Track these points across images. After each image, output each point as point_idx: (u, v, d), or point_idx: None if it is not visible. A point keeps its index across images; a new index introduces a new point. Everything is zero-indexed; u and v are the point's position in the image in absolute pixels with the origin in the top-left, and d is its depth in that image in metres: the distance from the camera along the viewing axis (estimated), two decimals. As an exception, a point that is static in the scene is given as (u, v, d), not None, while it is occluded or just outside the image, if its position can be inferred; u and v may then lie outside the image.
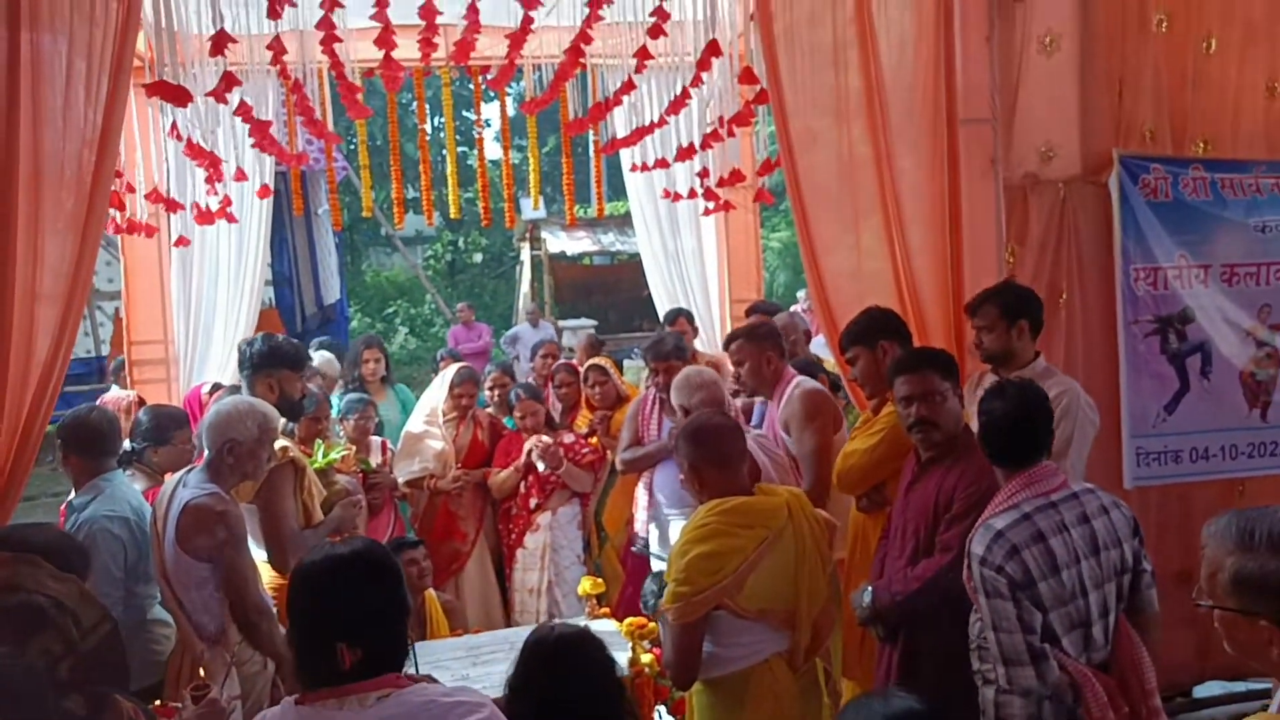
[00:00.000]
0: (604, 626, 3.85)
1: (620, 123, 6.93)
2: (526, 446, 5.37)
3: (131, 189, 5.54)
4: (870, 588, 3.38)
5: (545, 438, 5.35)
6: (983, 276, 4.20)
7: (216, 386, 5.54)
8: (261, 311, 12.51)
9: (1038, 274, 4.44)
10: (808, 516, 3.12)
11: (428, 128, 20.08)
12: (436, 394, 5.64)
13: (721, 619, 2.98)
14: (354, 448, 5.13)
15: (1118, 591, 2.85)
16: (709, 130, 5.73)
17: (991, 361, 3.79)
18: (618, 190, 15.10)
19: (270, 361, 4.01)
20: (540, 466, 5.33)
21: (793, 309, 9.07)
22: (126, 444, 4.28)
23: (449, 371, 5.71)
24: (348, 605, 1.93)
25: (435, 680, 2.02)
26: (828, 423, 4.21)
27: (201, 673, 3.10)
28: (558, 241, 17.75)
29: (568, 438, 5.48)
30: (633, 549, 5.08)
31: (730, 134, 5.48)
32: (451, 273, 25.30)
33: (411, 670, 2.13)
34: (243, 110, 4.59)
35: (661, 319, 7.19)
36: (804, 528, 3.08)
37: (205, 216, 5.77)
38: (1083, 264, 4.51)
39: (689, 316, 7.12)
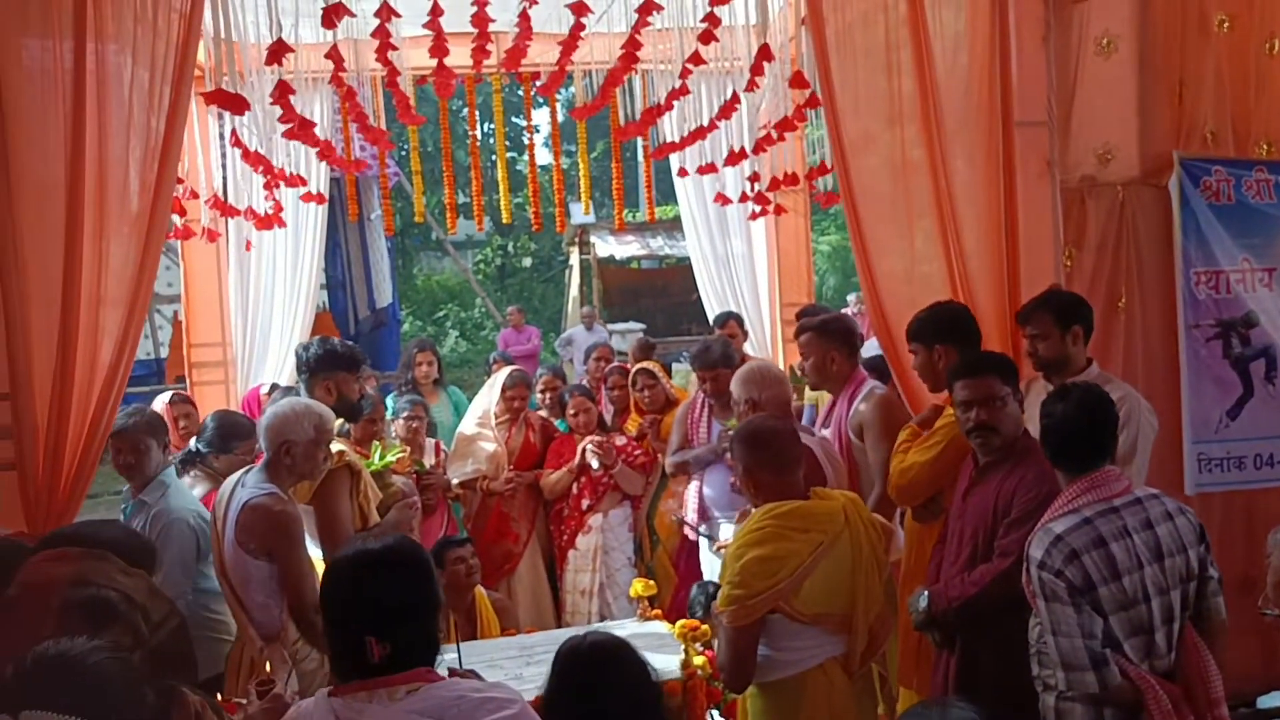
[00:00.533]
0: (656, 628, 3.85)
1: (670, 127, 6.95)
2: (580, 447, 5.39)
3: (195, 195, 5.64)
4: (927, 592, 3.35)
5: (598, 437, 5.37)
6: (1039, 280, 4.14)
7: (274, 387, 5.63)
8: (316, 315, 12.72)
9: (1096, 278, 4.38)
10: (864, 521, 3.10)
11: (478, 133, 20.27)
12: (488, 396, 5.67)
13: (776, 622, 2.97)
14: (409, 449, 5.19)
15: (1183, 599, 2.80)
16: (760, 135, 5.71)
17: (1045, 369, 3.72)
18: (666, 195, 15.10)
19: (327, 364, 4.05)
20: (594, 465, 5.35)
21: (842, 312, 9.01)
22: (192, 444, 4.40)
23: (501, 374, 5.75)
24: (377, 599, 1.94)
25: (477, 675, 2.02)
26: (901, 420, 4.17)
27: (268, 668, 3.15)
28: (606, 246, 17.78)
29: (619, 440, 5.50)
30: (682, 520, 5.04)
31: (781, 138, 5.45)
32: (501, 277, 25.47)
33: (455, 667, 2.14)
34: (291, 119, 4.64)
35: (711, 322, 7.17)
36: (860, 532, 3.06)
37: (264, 222, 5.88)
38: (1142, 268, 4.43)
39: (739, 320, 7.09)
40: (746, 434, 3.20)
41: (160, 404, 5.13)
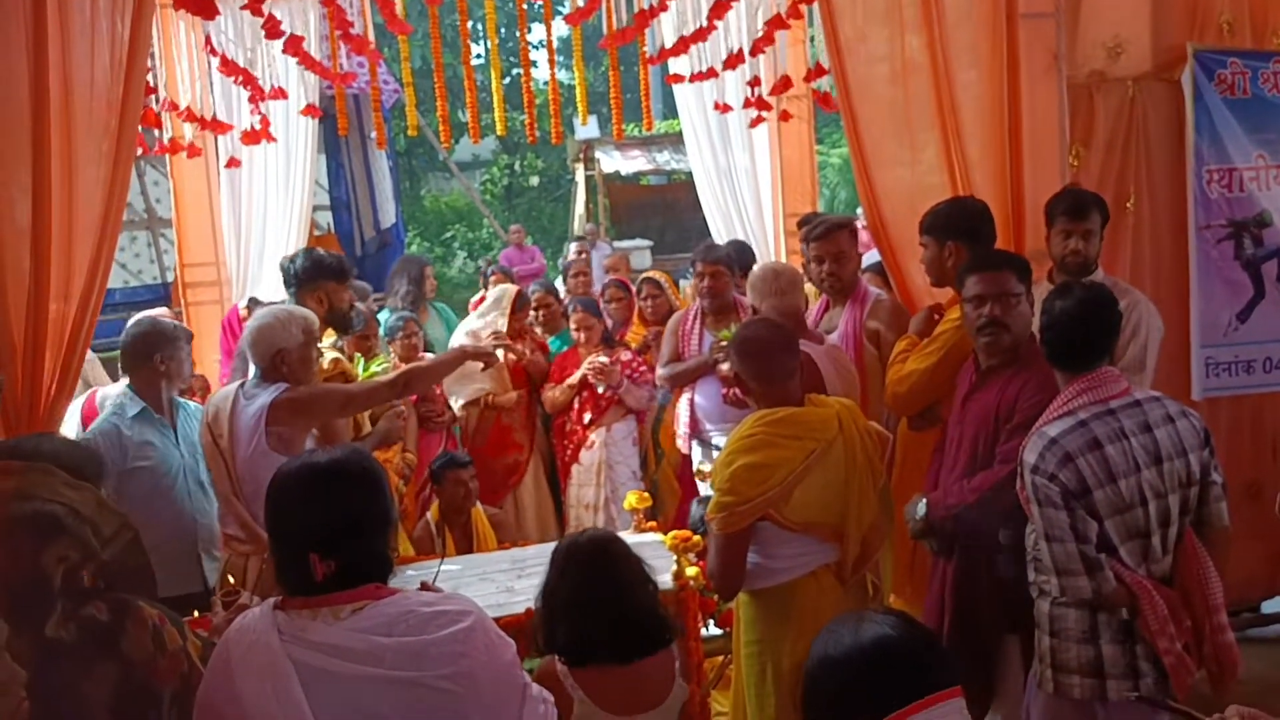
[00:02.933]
0: (649, 539, 3.81)
1: (669, 34, 6.72)
2: (584, 366, 5.30)
3: (174, 107, 5.49)
4: (924, 500, 3.28)
5: (602, 357, 5.27)
6: (1044, 182, 4.00)
7: (254, 302, 5.55)
8: (320, 237, 12.61)
9: (1104, 178, 4.23)
10: (859, 428, 3.03)
11: (475, 49, 19.86)
12: (490, 313, 5.57)
13: (767, 530, 2.94)
14: (400, 363, 5.14)
15: (1182, 503, 2.72)
16: (759, 36, 5.51)
17: (1081, 271, 3.59)
18: (672, 109, 14.81)
19: (315, 275, 3.97)
20: (599, 387, 5.28)
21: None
22: None
23: (500, 291, 5.66)
24: (321, 515, 1.85)
25: (434, 589, 1.93)
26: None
27: (230, 579, 3.13)
28: (611, 161, 17.50)
29: (624, 355, 5.41)
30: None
31: (771, 39, 5.24)
32: (508, 197, 25.19)
33: (426, 580, 2.07)
34: (271, 24, 4.49)
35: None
36: (855, 440, 3.00)
37: (250, 136, 5.74)
38: (1152, 167, 4.29)
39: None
40: (737, 342, 3.15)
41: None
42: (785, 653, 2.90)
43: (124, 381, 4.11)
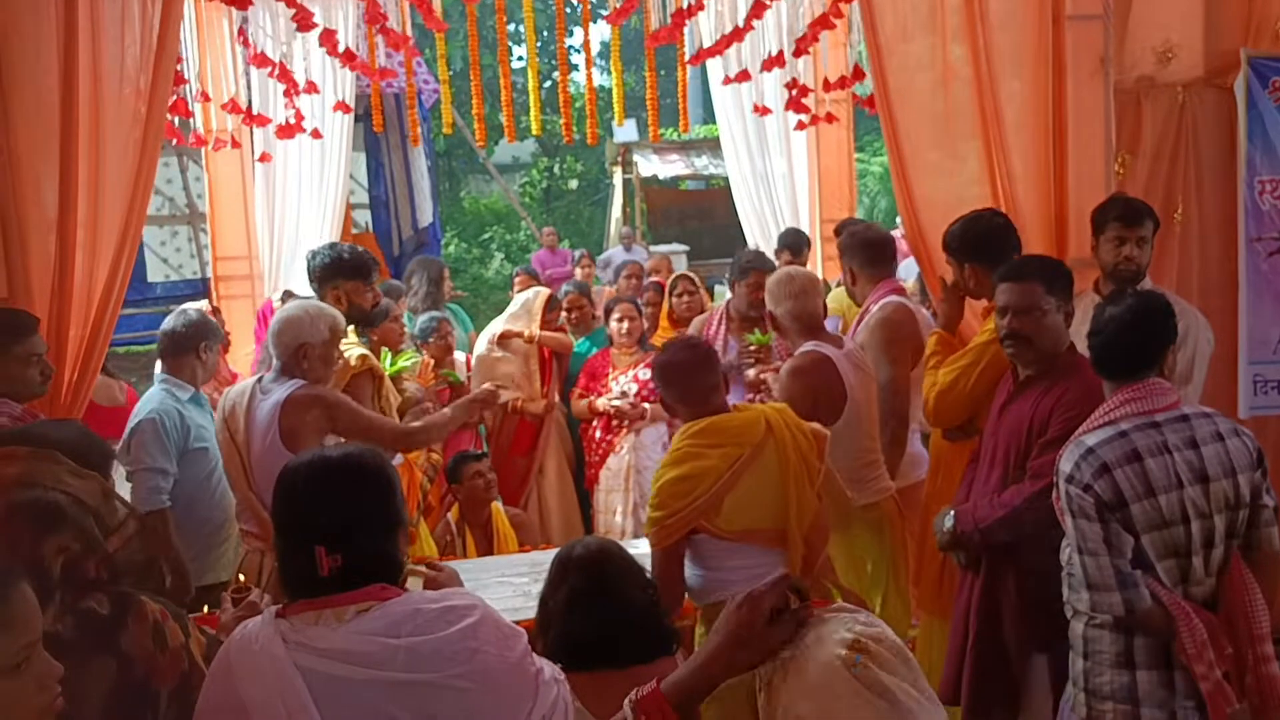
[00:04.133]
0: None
1: (708, 35, 6.65)
2: (603, 405, 5.22)
3: (207, 98, 5.49)
4: (953, 512, 3.18)
5: (616, 401, 5.18)
6: (1088, 190, 3.89)
7: (288, 294, 5.54)
8: (358, 235, 12.66)
9: (1150, 187, 4.09)
10: (790, 428, 2.98)
11: (517, 49, 19.92)
12: (520, 316, 5.54)
13: (704, 543, 2.93)
14: (430, 361, 5.11)
15: (1229, 525, 2.58)
16: (800, 36, 5.43)
17: (1133, 280, 3.46)
18: (712, 114, 14.74)
19: (333, 273, 3.92)
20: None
21: (895, 233, 8.70)
22: None
23: (529, 294, 5.62)
24: (330, 506, 1.79)
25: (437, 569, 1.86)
26: (905, 351, 3.95)
27: (241, 577, 3.08)
28: (649, 165, 17.42)
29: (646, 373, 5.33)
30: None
31: (815, 39, 5.15)
32: (547, 199, 25.24)
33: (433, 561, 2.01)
34: (303, 16, 4.46)
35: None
36: (787, 440, 2.95)
37: (285, 131, 5.73)
38: (1201, 176, 4.14)
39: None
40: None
41: None
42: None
43: (159, 368, 4.12)
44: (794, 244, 6.27)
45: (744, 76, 6.22)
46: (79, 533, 1.81)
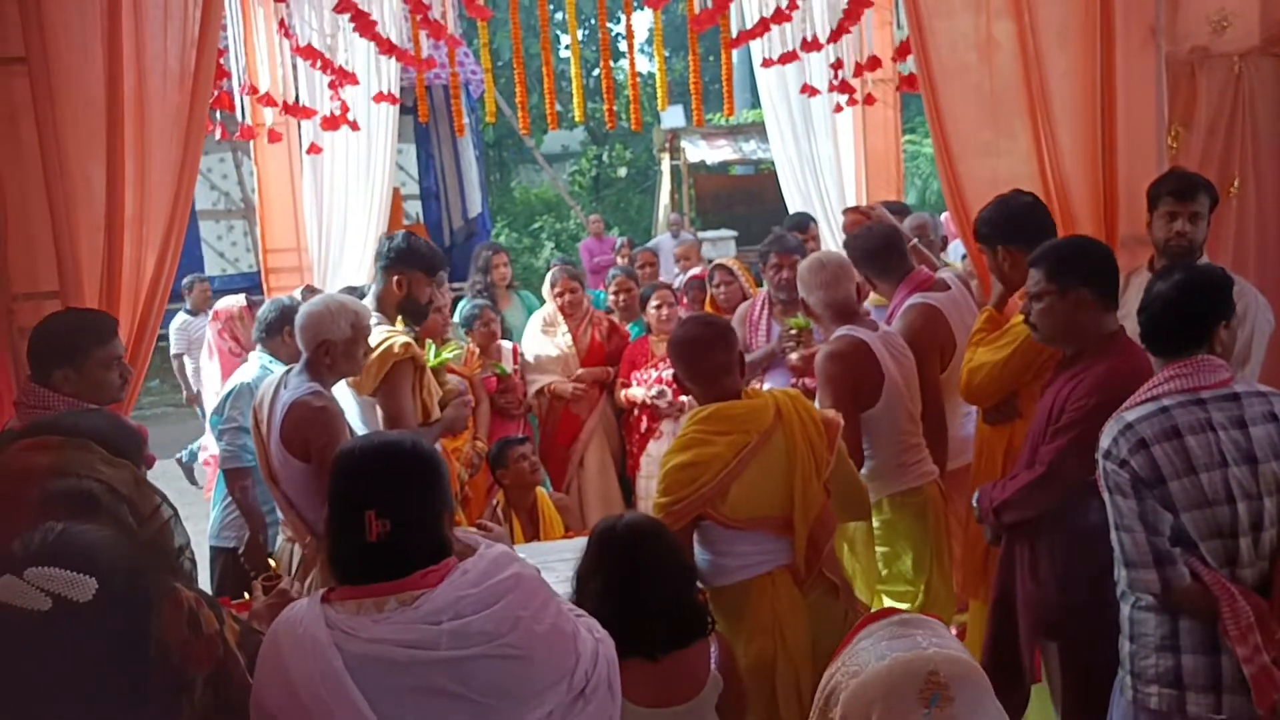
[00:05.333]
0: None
1: (750, 17, 6.59)
2: (641, 396, 5.21)
3: (255, 91, 5.56)
4: (978, 492, 3.20)
5: (665, 391, 5.14)
6: (1139, 165, 3.81)
7: (309, 290, 5.61)
8: (410, 227, 12.78)
9: (1205, 161, 3.98)
10: (801, 417, 2.95)
11: (564, 38, 19.92)
12: (548, 303, 5.61)
13: (712, 528, 2.92)
14: (475, 350, 5.13)
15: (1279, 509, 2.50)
16: (842, 17, 5.35)
17: (1186, 256, 3.38)
18: (759, 98, 14.64)
19: (405, 259, 3.96)
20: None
21: (943, 216, 8.57)
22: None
23: (545, 311, 5.67)
24: (382, 477, 1.87)
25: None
26: (929, 345, 3.87)
27: (272, 564, 3.12)
28: (697, 150, 17.35)
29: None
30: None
31: (856, 18, 5.08)
32: (596, 188, 25.27)
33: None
34: (346, 6, 4.49)
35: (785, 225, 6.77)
36: (796, 429, 2.92)
37: (330, 122, 5.78)
38: (1259, 149, 4.01)
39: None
40: (671, 346, 3.16)
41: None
42: (739, 654, 2.82)
43: (259, 351, 4.41)
44: (798, 224, 6.18)
45: (791, 58, 6.15)
46: (112, 520, 1.84)
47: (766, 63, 6.49)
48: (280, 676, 1.76)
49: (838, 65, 6.11)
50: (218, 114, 5.50)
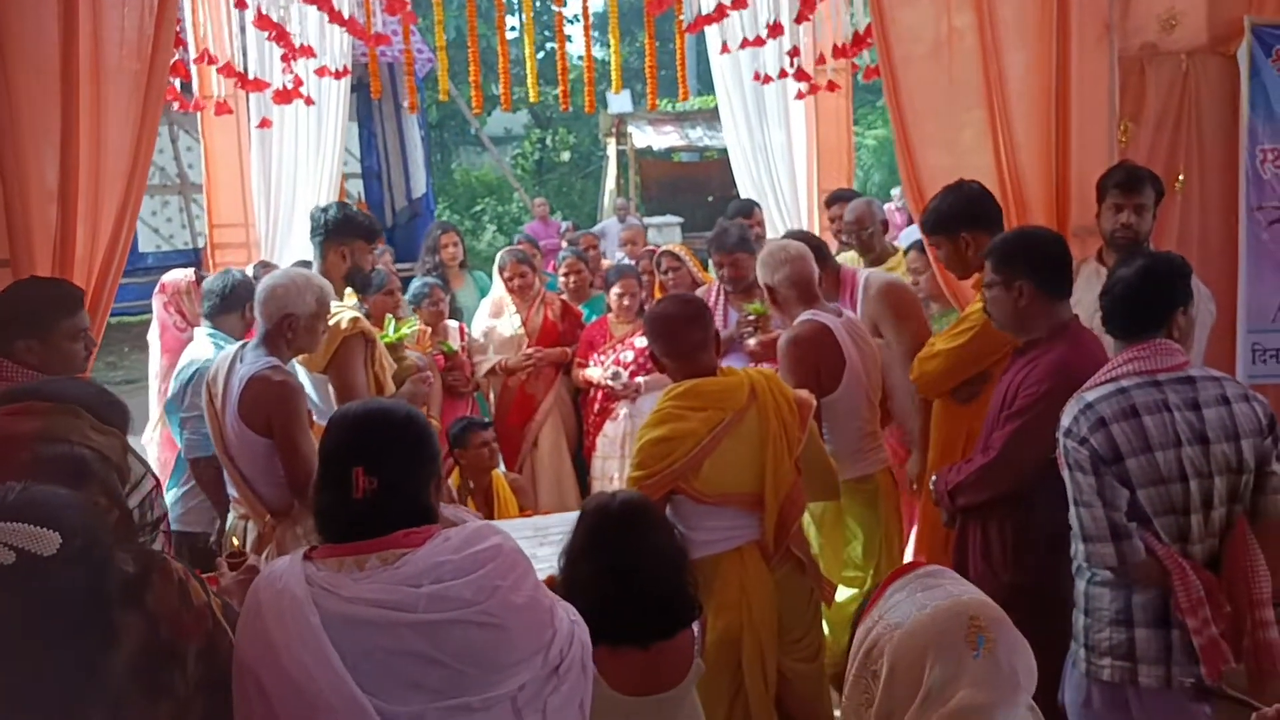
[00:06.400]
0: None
1: (708, 4, 6.60)
2: (599, 377, 5.21)
3: (213, 60, 5.43)
4: (934, 474, 3.30)
5: (620, 373, 5.17)
6: (1091, 157, 3.89)
7: (263, 265, 5.53)
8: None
9: (1153, 154, 4.09)
10: (775, 395, 3.02)
11: (510, 20, 19.76)
12: (497, 284, 5.60)
13: (683, 503, 2.98)
14: (428, 328, 5.10)
15: (1230, 489, 2.60)
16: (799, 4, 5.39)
17: (1131, 247, 3.47)
18: (706, 84, 14.66)
19: (344, 230, 3.93)
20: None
21: (886, 205, 8.69)
22: None
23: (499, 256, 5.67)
24: (372, 435, 1.89)
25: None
26: (921, 311, 3.98)
27: (235, 542, 3.09)
28: (644, 136, 17.37)
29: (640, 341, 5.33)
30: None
31: (813, 6, 5.11)
32: (539, 171, 25.16)
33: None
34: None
35: (728, 213, 6.78)
36: (769, 407, 2.99)
37: (283, 96, 5.68)
38: (1203, 144, 4.14)
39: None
40: (647, 321, 3.22)
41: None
42: (708, 627, 2.87)
43: (207, 328, 4.23)
44: (742, 209, 6.21)
45: (756, 42, 6.16)
46: (104, 489, 1.82)
47: (724, 49, 6.51)
48: (260, 632, 1.76)
49: (794, 53, 6.16)
50: (177, 83, 5.36)
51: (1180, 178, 4.12)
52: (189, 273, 4.92)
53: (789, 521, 3.03)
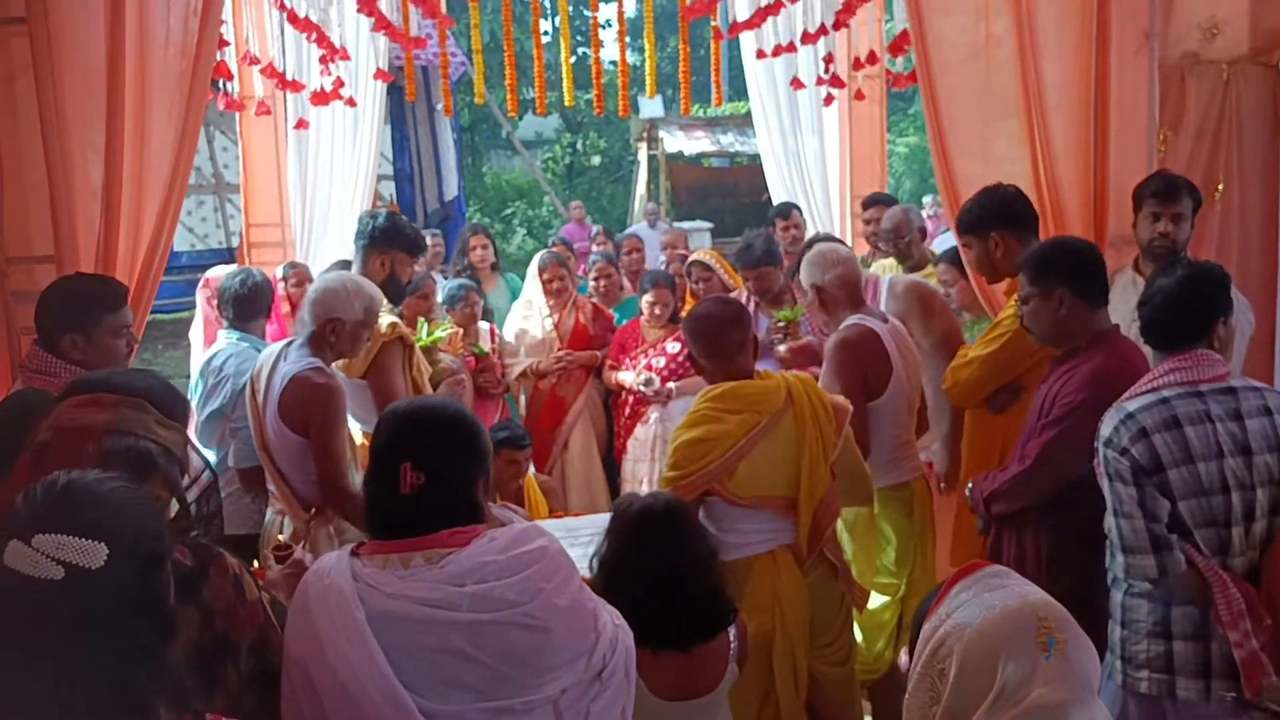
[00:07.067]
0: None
1: (743, 10, 6.62)
2: (632, 383, 5.22)
3: (255, 61, 5.49)
4: (972, 482, 3.28)
5: (644, 377, 5.18)
6: (1130, 166, 3.86)
7: (292, 266, 5.59)
8: (383, 208, 12.69)
9: (1192, 164, 4.08)
10: (812, 400, 3.01)
11: (544, 24, 19.85)
12: (531, 286, 5.62)
13: (717, 505, 2.97)
14: (460, 330, 5.12)
15: (1273, 501, 2.57)
16: (838, 8, 5.39)
17: (1169, 257, 3.43)
18: (739, 91, 14.67)
19: (389, 239, 3.94)
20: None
21: (924, 211, 8.65)
22: None
23: (536, 259, 5.68)
24: (422, 432, 1.91)
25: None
26: (946, 306, 3.96)
27: (281, 537, 3.12)
28: (675, 141, 17.38)
29: (673, 347, 5.33)
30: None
31: (852, 11, 5.11)
32: (569, 176, 25.24)
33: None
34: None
35: (770, 215, 6.77)
36: (806, 412, 2.98)
37: (321, 97, 5.74)
38: (1243, 153, 4.13)
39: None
40: (688, 322, 3.21)
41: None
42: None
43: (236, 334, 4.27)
44: (781, 211, 6.27)
45: (789, 49, 6.17)
46: (166, 483, 1.84)
47: (760, 54, 6.51)
48: (308, 627, 1.78)
49: (829, 59, 6.15)
50: (220, 83, 5.43)
51: (1220, 187, 4.09)
52: (234, 268, 4.99)
53: (823, 526, 3.03)
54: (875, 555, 3.63)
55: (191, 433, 4.13)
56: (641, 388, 5.18)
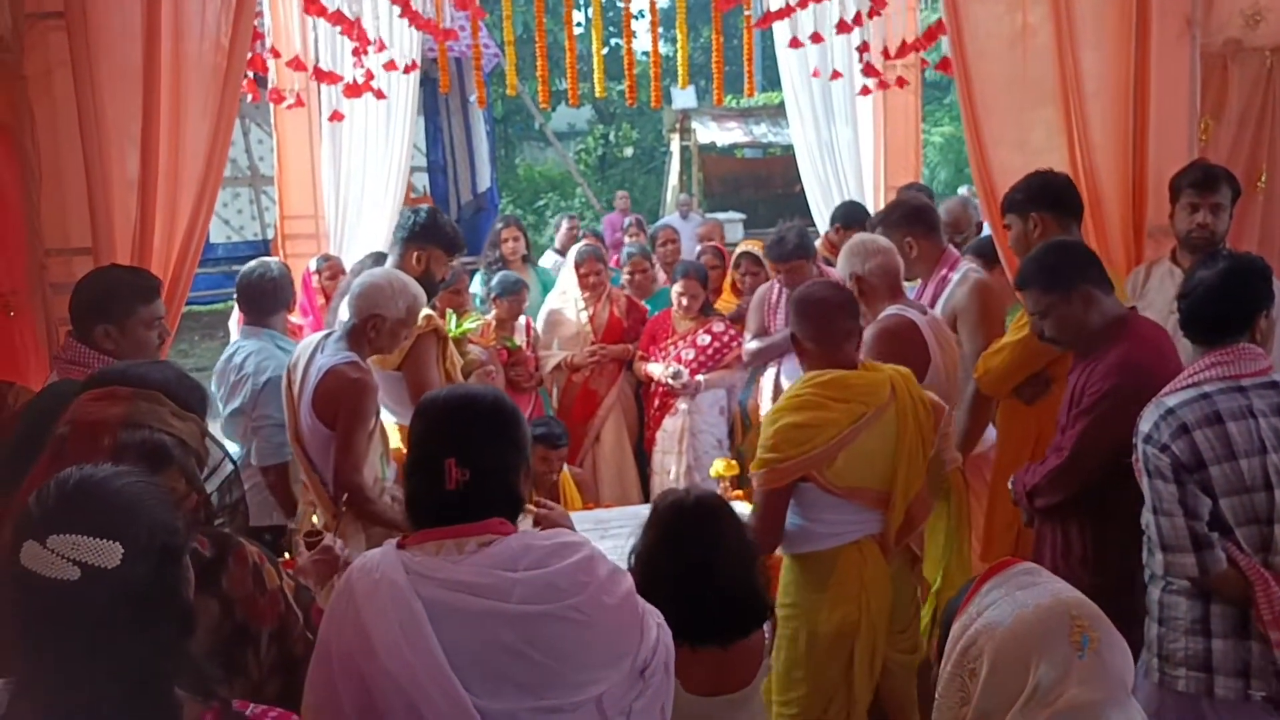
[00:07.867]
0: (737, 509, 3.74)
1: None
2: (660, 375, 5.21)
3: (277, 54, 5.53)
4: (1013, 476, 3.26)
5: (682, 371, 5.18)
6: (1170, 155, 3.81)
7: (324, 259, 5.61)
8: (416, 200, 12.74)
9: (1234, 153, 3.99)
10: (913, 396, 2.99)
11: (576, 15, 19.84)
12: (566, 277, 5.62)
13: (810, 491, 2.94)
14: (491, 322, 5.13)
15: None
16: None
17: (1207, 248, 3.39)
18: (772, 81, 14.59)
19: (428, 235, 3.96)
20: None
21: (963, 195, 8.48)
22: None
23: (572, 251, 5.67)
24: (465, 425, 1.89)
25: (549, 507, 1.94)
26: (1003, 318, 3.90)
27: (315, 520, 3.13)
28: (708, 132, 17.34)
29: (718, 325, 5.32)
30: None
31: (885, 2, 5.06)
32: (602, 167, 25.25)
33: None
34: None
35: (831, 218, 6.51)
36: (908, 408, 2.96)
37: (353, 90, 5.76)
38: (1287, 143, 4.03)
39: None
40: (795, 301, 3.14)
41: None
42: (821, 620, 2.86)
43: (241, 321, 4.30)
44: (847, 218, 5.69)
45: (816, 39, 6.12)
46: (182, 474, 1.85)
47: (794, 43, 6.45)
48: (355, 623, 1.75)
49: (864, 48, 6.10)
50: (254, 77, 5.47)
51: (1263, 177, 4.01)
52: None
53: (916, 522, 3.03)
54: (939, 548, 3.61)
55: (215, 428, 4.17)
56: (669, 380, 5.17)
